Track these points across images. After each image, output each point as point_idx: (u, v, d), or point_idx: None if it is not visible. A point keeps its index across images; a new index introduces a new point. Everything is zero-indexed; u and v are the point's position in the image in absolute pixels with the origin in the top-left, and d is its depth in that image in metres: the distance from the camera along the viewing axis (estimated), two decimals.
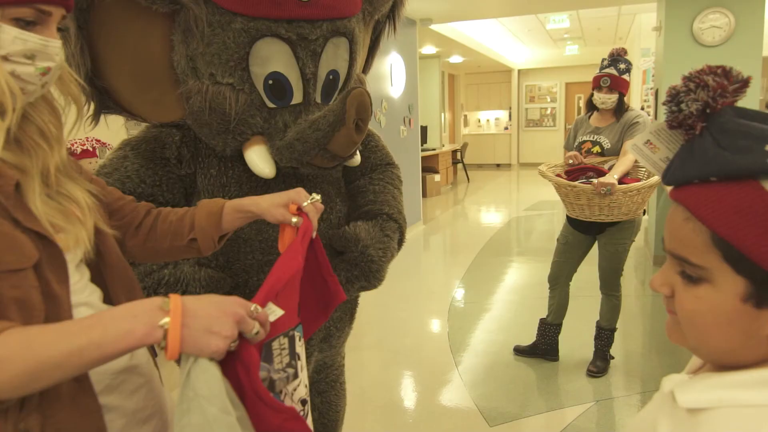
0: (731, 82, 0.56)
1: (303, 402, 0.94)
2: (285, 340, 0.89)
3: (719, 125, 0.55)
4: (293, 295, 0.99)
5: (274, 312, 0.86)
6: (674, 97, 0.59)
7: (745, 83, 0.56)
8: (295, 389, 0.92)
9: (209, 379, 0.68)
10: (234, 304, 0.72)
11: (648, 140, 0.64)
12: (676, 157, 0.60)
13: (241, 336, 0.72)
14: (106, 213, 0.97)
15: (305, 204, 1.04)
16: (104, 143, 2.95)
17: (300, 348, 0.95)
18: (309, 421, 0.94)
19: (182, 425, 0.67)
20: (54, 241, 0.79)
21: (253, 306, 0.73)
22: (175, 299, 0.69)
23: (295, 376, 0.93)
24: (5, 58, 0.76)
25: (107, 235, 0.93)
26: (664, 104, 0.61)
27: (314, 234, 1.07)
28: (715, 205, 0.53)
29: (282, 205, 1.04)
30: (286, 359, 0.90)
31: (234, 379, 0.73)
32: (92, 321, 0.68)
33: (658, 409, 0.61)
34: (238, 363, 0.73)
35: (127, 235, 1.04)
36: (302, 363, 0.96)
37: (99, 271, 0.91)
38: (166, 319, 0.67)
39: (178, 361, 0.71)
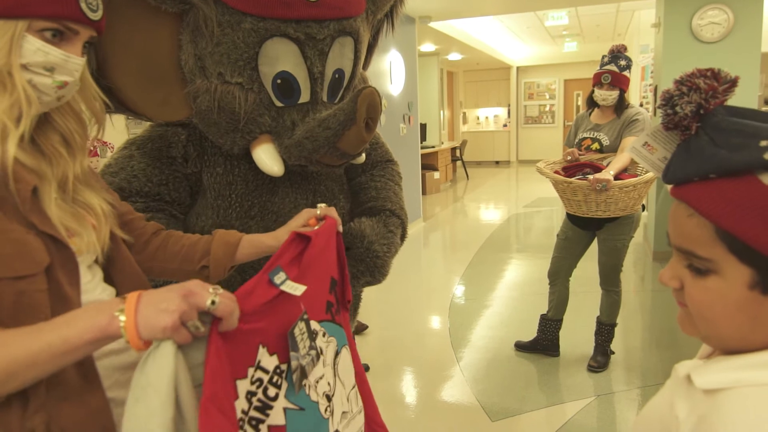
0: (720, 83, 0.59)
1: (328, 397, 0.95)
2: (302, 324, 0.91)
3: (713, 124, 0.58)
4: (318, 281, 1.01)
5: (296, 288, 0.87)
6: (668, 101, 0.62)
7: (733, 83, 0.60)
8: (317, 381, 0.94)
9: (163, 366, 0.68)
10: (187, 282, 0.72)
11: (645, 142, 0.67)
12: (673, 157, 0.63)
13: (215, 325, 0.72)
14: (119, 223, 1.00)
15: (318, 211, 1.08)
16: (106, 142, 2.96)
17: (322, 342, 0.96)
18: (335, 419, 0.96)
19: (130, 414, 0.68)
20: (67, 245, 0.81)
21: (212, 288, 0.73)
22: (134, 293, 0.72)
23: (318, 356, 0.94)
24: (25, 67, 0.78)
25: (119, 241, 0.95)
26: (659, 107, 0.64)
27: (340, 228, 1.11)
28: (716, 200, 0.56)
29: (301, 226, 1.08)
30: (307, 343, 0.92)
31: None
32: (63, 318, 0.71)
33: (673, 394, 0.64)
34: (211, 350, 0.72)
35: (134, 249, 1.06)
36: (324, 359, 0.97)
37: (109, 274, 0.94)
38: (122, 307, 0.69)
39: None
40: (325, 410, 0.94)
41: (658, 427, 0.64)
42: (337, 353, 1.02)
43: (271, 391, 0.83)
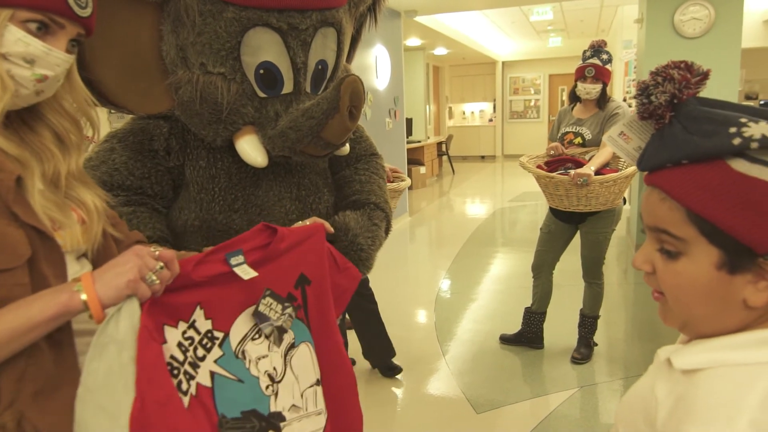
0: (693, 74, 0.62)
1: (271, 378, 0.99)
2: (267, 300, 0.97)
3: (686, 113, 0.61)
4: (282, 272, 1.05)
5: (247, 272, 0.95)
6: (644, 91, 0.64)
7: (705, 76, 0.63)
8: (259, 359, 0.98)
9: (131, 324, 0.74)
10: (132, 248, 0.80)
11: (621, 132, 0.70)
12: (648, 146, 0.65)
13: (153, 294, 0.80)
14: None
15: (308, 222, 1.17)
16: (87, 136, 2.92)
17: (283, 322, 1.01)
18: (279, 402, 0.99)
19: (90, 369, 0.72)
20: (52, 237, 0.80)
21: (153, 247, 0.82)
22: (85, 272, 0.78)
23: (296, 311, 1.01)
24: (4, 57, 0.77)
25: (110, 239, 0.95)
26: (634, 98, 0.66)
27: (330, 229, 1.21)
28: (688, 185, 0.58)
29: None
30: (279, 308, 0.98)
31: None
32: (23, 300, 0.74)
33: (655, 377, 0.66)
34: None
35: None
36: (272, 344, 1.01)
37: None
38: (79, 283, 0.74)
39: None
40: (267, 388, 0.98)
41: (640, 409, 0.66)
42: (292, 345, 1.04)
43: (200, 352, 0.90)
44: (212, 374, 0.91)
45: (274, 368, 1.00)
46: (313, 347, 1.10)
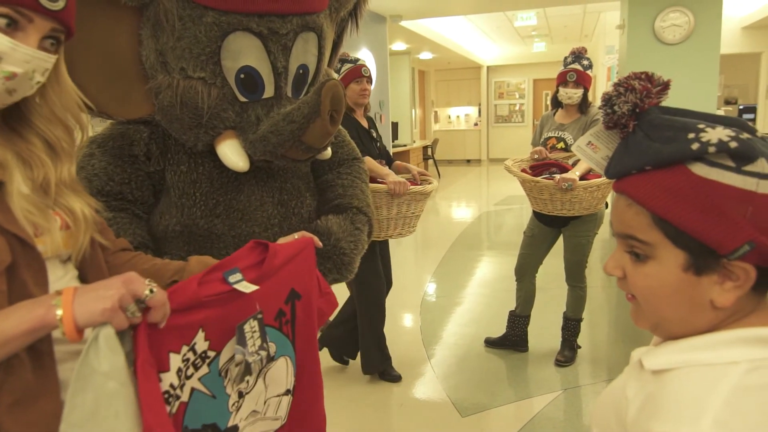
0: (654, 84, 0.65)
1: (240, 394, 0.99)
2: (255, 323, 0.95)
3: (648, 122, 0.63)
4: (274, 287, 1.05)
5: (247, 286, 0.93)
6: (608, 101, 0.67)
7: (665, 86, 0.65)
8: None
9: (111, 353, 0.71)
10: (125, 273, 0.76)
11: (589, 141, 0.72)
12: (614, 154, 0.68)
13: (145, 313, 0.76)
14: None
15: (296, 236, 1.16)
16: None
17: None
18: (238, 415, 0.99)
19: (74, 404, 0.69)
20: (33, 245, 0.79)
21: (147, 281, 0.78)
22: (70, 286, 0.74)
23: (269, 358, 0.99)
24: None
25: (97, 247, 0.94)
26: (600, 108, 0.69)
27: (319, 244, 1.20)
28: (651, 190, 0.61)
29: None
30: (258, 342, 0.96)
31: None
32: (1, 313, 0.72)
33: (627, 377, 0.69)
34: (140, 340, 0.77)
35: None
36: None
37: (83, 278, 0.92)
38: (59, 298, 0.71)
39: None
40: (232, 405, 0.98)
41: (612, 409, 0.68)
42: (271, 358, 1.05)
43: (190, 371, 0.89)
44: (192, 390, 0.90)
45: (247, 381, 1.00)
46: (292, 360, 1.11)
